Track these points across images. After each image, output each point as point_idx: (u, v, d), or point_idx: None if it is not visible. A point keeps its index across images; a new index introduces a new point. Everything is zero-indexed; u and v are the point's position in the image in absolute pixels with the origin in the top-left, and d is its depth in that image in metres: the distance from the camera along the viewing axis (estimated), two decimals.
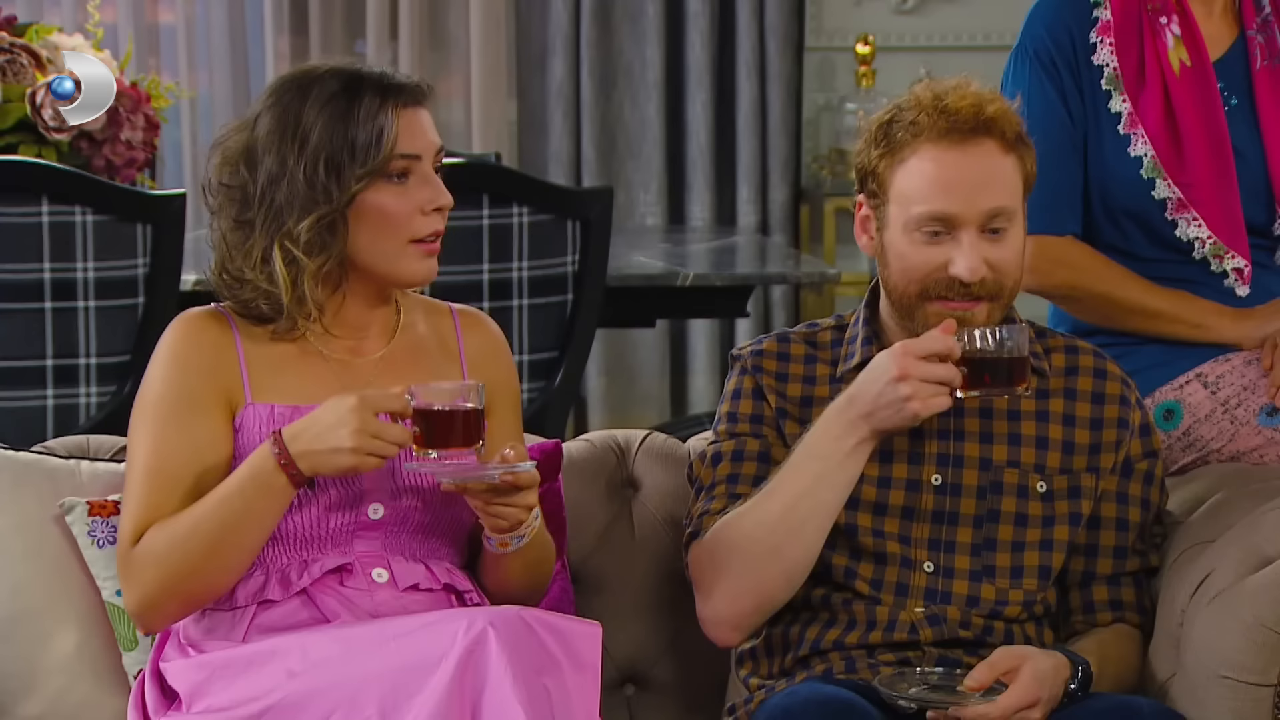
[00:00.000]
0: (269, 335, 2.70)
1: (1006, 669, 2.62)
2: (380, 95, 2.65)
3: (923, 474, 2.81)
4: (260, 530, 2.61)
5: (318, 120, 2.63)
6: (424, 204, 2.67)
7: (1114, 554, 2.85)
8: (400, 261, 2.68)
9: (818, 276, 5.16)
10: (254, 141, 2.66)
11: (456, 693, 2.41)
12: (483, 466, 2.58)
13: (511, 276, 4.24)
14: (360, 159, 2.63)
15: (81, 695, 2.85)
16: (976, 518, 2.80)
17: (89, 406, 3.98)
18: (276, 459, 2.57)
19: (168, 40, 6.70)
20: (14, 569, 2.87)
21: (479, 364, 2.80)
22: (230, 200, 2.68)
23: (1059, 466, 2.83)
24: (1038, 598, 2.80)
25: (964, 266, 2.73)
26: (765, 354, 2.90)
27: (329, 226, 2.64)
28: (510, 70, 6.81)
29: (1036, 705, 2.60)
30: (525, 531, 2.65)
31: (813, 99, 6.94)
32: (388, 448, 2.56)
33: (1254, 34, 3.23)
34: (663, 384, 6.85)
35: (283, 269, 2.64)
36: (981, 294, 2.75)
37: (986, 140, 2.75)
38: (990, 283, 2.75)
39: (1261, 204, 3.21)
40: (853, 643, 2.76)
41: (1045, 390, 2.86)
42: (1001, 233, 2.76)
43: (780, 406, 2.86)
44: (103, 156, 4.43)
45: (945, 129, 2.74)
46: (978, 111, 2.74)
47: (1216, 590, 2.71)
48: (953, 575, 2.78)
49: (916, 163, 2.75)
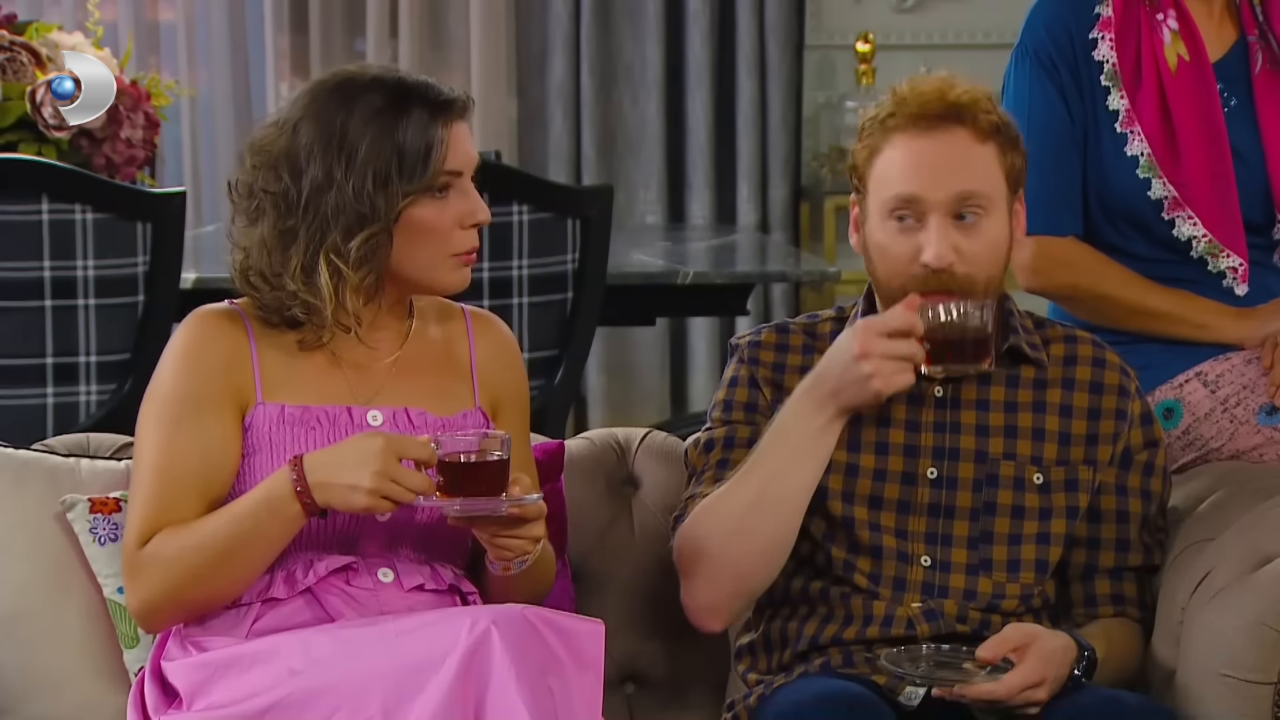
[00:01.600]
0: (289, 338, 2.69)
1: (1016, 645, 2.62)
2: (429, 110, 2.64)
3: (918, 467, 2.81)
4: (268, 550, 2.61)
5: (365, 133, 2.62)
6: (463, 218, 2.67)
7: (1116, 547, 2.85)
8: (439, 273, 2.68)
9: (818, 275, 5.16)
10: (296, 148, 2.64)
11: (460, 691, 2.41)
12: (490, 500, 2.56)
13: (512, 275, 4.24)
14: (408, 175, 2.63)
15: (82, 693, 2.85)
16: (973, 511, 2.80)
17: (89, 405, 3.98)
18: (293, 485, 2.56)
19: (168, 38, 6.70)
20: (14, 567, 2.87)
21: (489, 369, 2.80)
22: (272, 206, 2.66)
23: (1056, 458, 2.83)
24: (1034, 591, 2.80)
25: (931, 252, 2.74)
26: (763, 345, 2.91)
27: (376, 242, 2.64)
28: (510, 68, 6.81)
29: (1042, 685, 2.61)
30: (529, 558, 2.65)
31: (813, 97, 6.94)
32: (405, 494, 2.54)
33: (1254, 39, 3.23)
34: (663, 382, 6.85)
35: (328, 281, 2.64)
36: (954, 286, 2.75)
37: (956, 127, 2.77)
38: (961, 274, 2.75)
39: (1260, 205, 3.21)
40: (850, 638, 2.77)
41: (1043, 380, 2.86)
42: (974, 221, 2.76)
43: (776, 397, 2.86)
44: (103, 155, 4.42)
45: (915, 116, 2.77)
46: (942, 98, 2.77)
47: (1217, 588, 2.71)
48: (950, 569, 2.78)
49: (889, 151, 2.78)
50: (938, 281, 2.75)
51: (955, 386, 2.84)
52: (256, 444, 2.66)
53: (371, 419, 2.69)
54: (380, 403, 2.71)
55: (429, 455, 2.55)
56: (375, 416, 2.70)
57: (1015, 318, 2.88)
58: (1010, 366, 2.86)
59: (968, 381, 2.84)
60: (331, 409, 2.69)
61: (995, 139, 2.78)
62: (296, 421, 2.66)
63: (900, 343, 2.70)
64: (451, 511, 2.57)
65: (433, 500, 2.55)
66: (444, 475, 2.55)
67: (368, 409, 2.70)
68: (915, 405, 2.83)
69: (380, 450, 2.53)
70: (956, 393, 2.84)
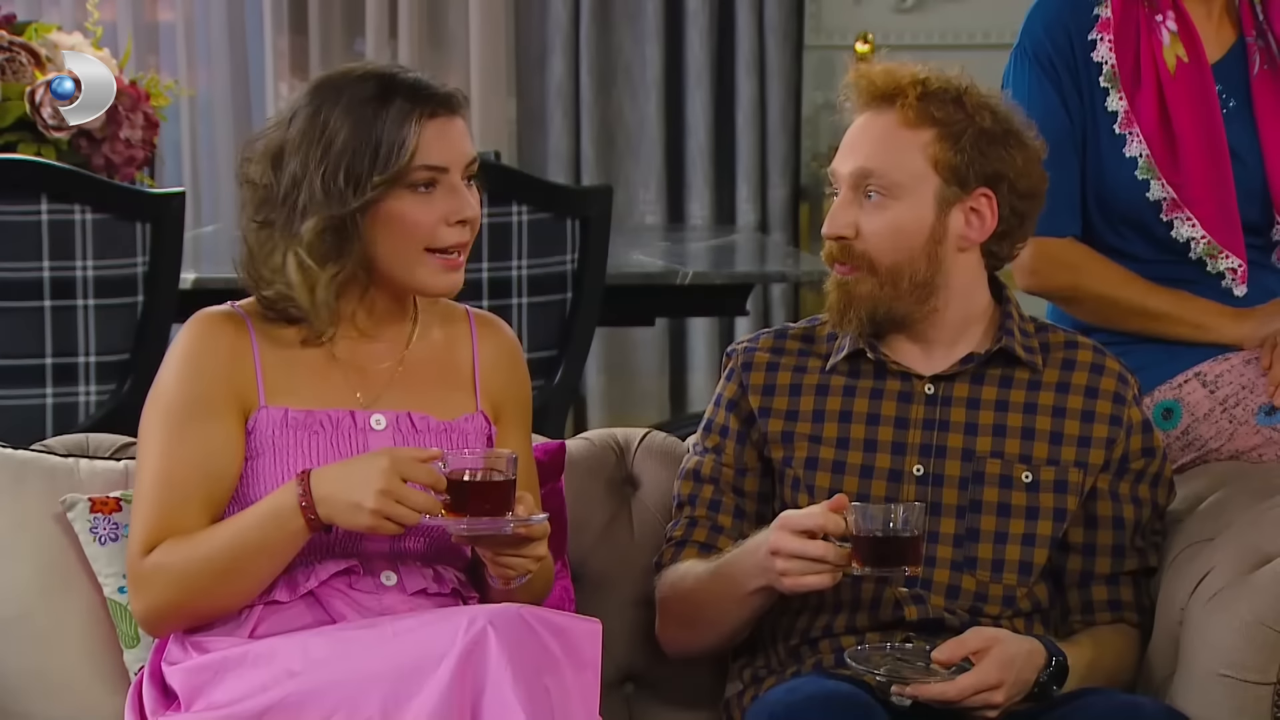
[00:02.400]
0: (291, 339, 2.69)
1: (976, 648, 2.62)
2: (410, 103, 2.62)
3: (905, 464, 2.82)
4: (273, 563, 2.60)
5: (344, 124, 2.61)
6: (448, 215, 2.65)
7: (1112, 553, 2.85)
8: (417, 271, 2.65)
9: (817, 275, 5.15)
10: (284, 141, 2.64)
11: (456, 692, 2.40)
12: (496, 520, 2.55)
13: (511, 275, 4.24)
14: (380, 167, 2.60)
15: (82, 693, 2.84)
16: (959, 508, 2.81)
17: (88, 405, 3.98)
18: (299, 499, 2.55)
19: (167, 38, 6.70)
20: (14, 567, 2.87)
21: (492, 373, 2.79)
22: (253, 199, 2.65)
23: (1046, 458, 2.83)
24: (1019, 593, 2.80)
25: (829, 220, 2.83)
26: (759, 349, 2.92)
27: (337, 232, 2.61)
28: (510, 68, 6.81)
29: (999, 688, 2.61)
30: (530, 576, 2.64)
31: (812, 97, 6.94)
32: (409, 515, 2.52)
33: (1253, 40, 3.23)
34: (662, 382, 6.85)
35: (297, 275, 2.63)
36: (849, 260, 2.81)
37: (887, 109, 2.83)
38: (858, 251, 2.80)
39: (1258, 206, 3.22)
40: (841, 628, 2.78)
41: (1037, 382, 2.87)
42: (878, 201, 2.80)
43: (764, 405, 2.87)
44: (102, 155, 4.42)
45: (858, 96, 2.86)
46: (888, 78, 2.83)
47: (1216, 588, 2.71)
48: (934, 564, 2.78)
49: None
50: (839, 252, 2.81)
51: (947, 384, 2.85)
52: (259, 448, 2.66)
53: (375, 423, 2.69)
54: (383, 406, 2.70)
55: (435, 479, 2.54)
56: (379, 421, 2.69)
57: (1013, 320, 2.88)
58: (1004, 367, 2.86)
59: (960, 379, 2.85)
60: (335, 413, 2.68)
61: (931, 127, 2.80)
62: (299, 425, 2.66)
63: (811, 544, 2.62)
64: (457, 530, 2.56)
65: (438, 519, 2.54)
66: (450, 494, 2.54)
67: (371, 413, 2.69)
68: (905, 402, 2.84)
69: (385, 470, 2.52)
70: (948, 390, 2.84)
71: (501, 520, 2.54)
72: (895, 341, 2.87)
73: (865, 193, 2.80)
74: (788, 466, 2.85)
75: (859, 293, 2.81)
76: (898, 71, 2.82)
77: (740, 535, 2.84)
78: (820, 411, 2.86)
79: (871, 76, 2.83)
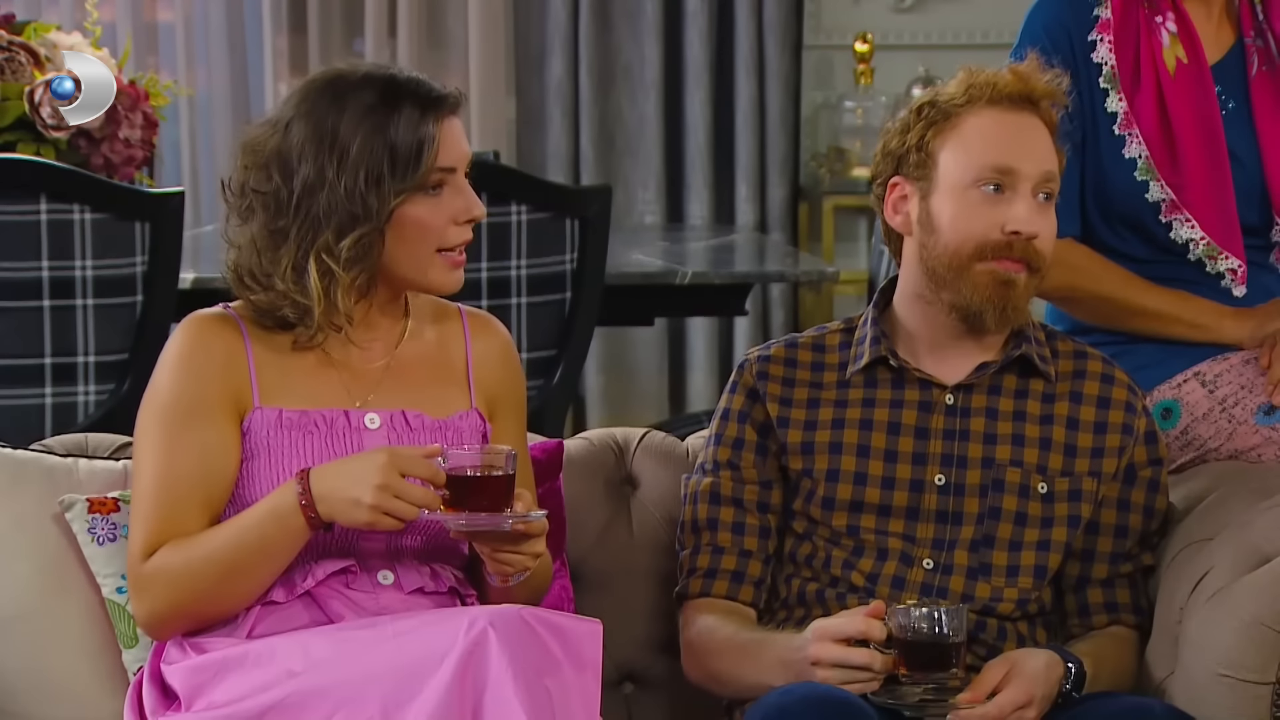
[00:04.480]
0: (283, 340, 2.68)
1: (996, 680, 2.62)
2: (420, 107, 2.62)
3: (926, 474, 2.82)
4: (274, 563, 2.60)
5: (357, 132, 2.60)
6: (457, 214, 2.66)
7: (1110, 559, 2.85)
8: (430, 271, 2.67)
9: (816, 275, 5.16)
10: (288, 147, 2.63)
11: (457, 693, 2.40)
12: (494, 516, 2.55)
13: (510, 275, 4.24)
14: (400, 173, 2.61)
15: (82, 693, 2.84)
16: (978, 516, 2.81)
17: (87, 405, 3.98)
18: (298, 498, 2.56)
19: (166, 38, 6.70)
20: (13, 567, 2.87)
21: (485, 370, 2.79)
22: (262, 206, 2.65)
23: (1060, 469, 2.83)
24: (1032, 596, 2.80)
25: (1024, 219, 2.77)
26: (773, 359, 2.91)
27: (368, 241, 2.62)
28: (509, 68, 6.81)
29: (1031, 704, 2.61)
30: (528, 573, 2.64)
31: (811, 97, 6.94)
32: (408, 510, 2.53)
33: (1252, 41, 3.23)
34: (661, 382, 6.85)
35: (317, 281, 2.62)
36: (1025, 257, 2.79)
37: (1033, 114, 2.82)
38: (1035, 249, 2.79)
39: (1257, 207, 3.22)
40: None
41: (1050, 394, 2.87)
42: (1047, 204, 2.81)
43: (781, 415, 2.86)
44: (101, 155, 4.42)
45: (999, 94, 2.80)
46: (1024, 82, 2.81)
47: (1215, 588, 2.71)
48: (950, 571, 2.79)
49: (975, 122, 2.80)
50: (1015, 250, 2.77)
51: (966, 395, 2.84)
52: (255, 448, 2.65)
53: (369, 422, 2.69)
54: (377, 405, 2.70)
55: (434, 474, 2.54)
56: (373, 419, 2.69)
57: (1030, 327, 2.88)
58: (1019, 376, 2.87)
59: (978, 390, 2.85)
60: (329, 412, 2.68)
61: (1053, 134, 2.84)
62: (294, 425, 2.66)
63: (855, 652, 2.57)
64: (455, 526, 2.56)
65: (436, 514, 2.55)
66: (449, 489, 2.54)
67: (365, 412, 2.69)
68: (926, 412, 2.84)
69: (383, 465, 2.52)
70: (967, 401, 2.84)
71: (500, 516, 2.54)
72: (917, 350, 2.86)
73: (1043, 193, 2.81)
74: (807, 477, 2.84)
75: (1024, 290, 2.81)
76: (1029, 74, 2.83)
77: (766, 556, 2.83)
78: (840, 420, 2.85)
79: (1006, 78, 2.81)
